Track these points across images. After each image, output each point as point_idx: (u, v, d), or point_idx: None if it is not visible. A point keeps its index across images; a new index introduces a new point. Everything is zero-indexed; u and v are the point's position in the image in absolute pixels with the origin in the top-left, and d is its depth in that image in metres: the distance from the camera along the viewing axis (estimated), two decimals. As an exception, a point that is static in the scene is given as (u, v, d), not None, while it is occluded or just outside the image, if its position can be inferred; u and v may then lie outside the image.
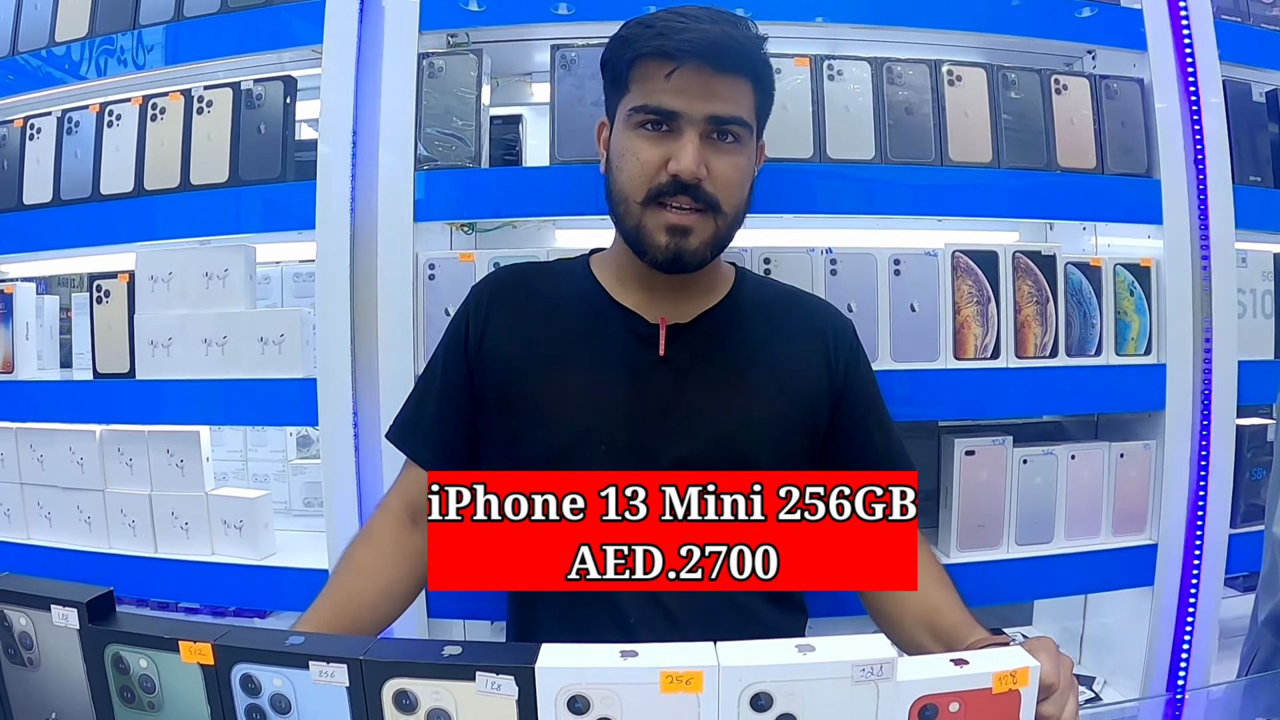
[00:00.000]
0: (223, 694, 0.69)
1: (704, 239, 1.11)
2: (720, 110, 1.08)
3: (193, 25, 1.67)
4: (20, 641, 0.75)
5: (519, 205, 1.52)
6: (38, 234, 1.76)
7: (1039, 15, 1.65)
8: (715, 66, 1.07)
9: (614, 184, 1.14)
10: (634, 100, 1.10)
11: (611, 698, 0.63)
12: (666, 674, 0.63)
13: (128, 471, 1.70)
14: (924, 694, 0.66)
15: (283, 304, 1.89)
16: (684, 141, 1.07)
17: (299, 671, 0.67)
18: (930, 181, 1.57)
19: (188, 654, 0.69)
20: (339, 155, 1.53)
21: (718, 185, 1.09)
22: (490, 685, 0.64)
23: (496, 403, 1.19)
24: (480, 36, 1.62)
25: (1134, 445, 1.67)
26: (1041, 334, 1.59)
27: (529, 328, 1.20)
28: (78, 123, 1.73)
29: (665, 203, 1.09)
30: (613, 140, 1.16)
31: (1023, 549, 1.63)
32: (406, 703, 0.66)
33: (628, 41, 1.11)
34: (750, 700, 0.64)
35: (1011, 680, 0.68)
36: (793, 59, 1.55)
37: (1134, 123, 1.67)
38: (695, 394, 1.15)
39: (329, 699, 0.67)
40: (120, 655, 0.71)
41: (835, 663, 0.64)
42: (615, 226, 1.17)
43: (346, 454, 1.52)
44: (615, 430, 1.13)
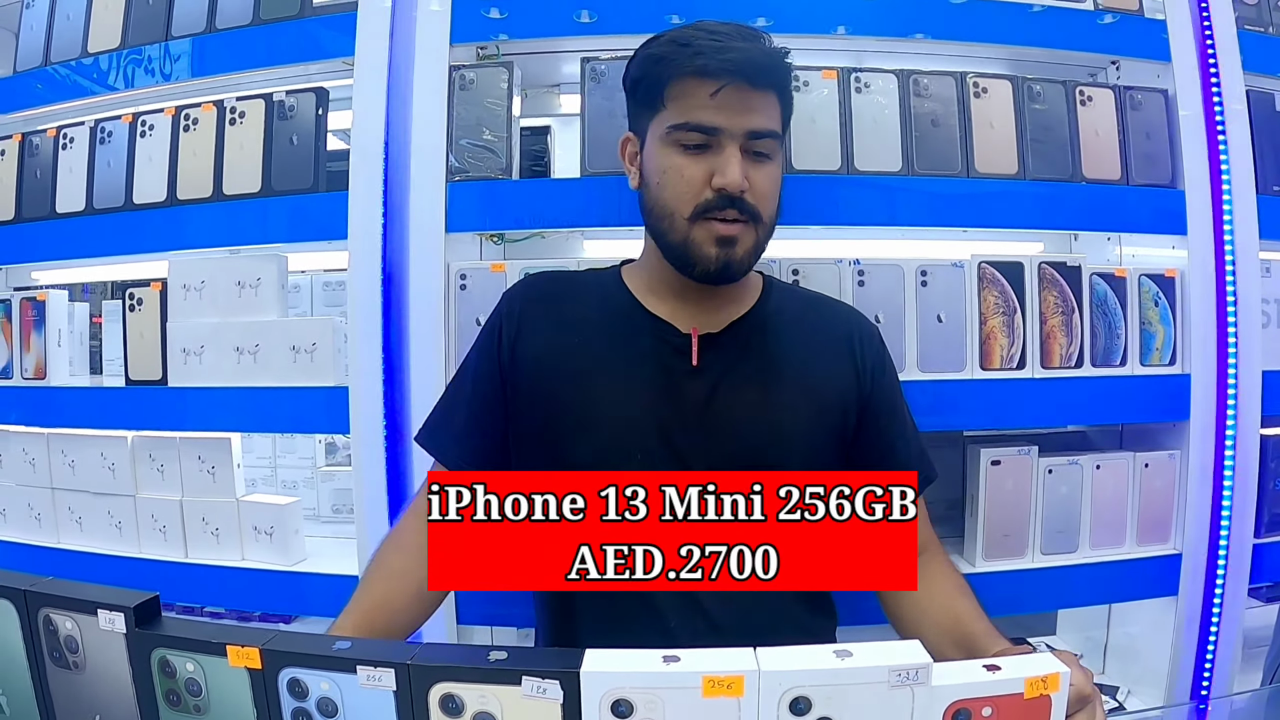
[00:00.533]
0: (269, 697, 0.70)
1: (748, 248, 1.14)
2: (757, 125, 1.11)
3: (224, 37, 1.70)
4: (66, 645, 0.76)
5: (549, 216, 1.54)
6: (71, 242, 1.78)
7: (1063, 27, 1.66)
8: (753, 83, 1.10)
9: (656, 200, 1.16)
10: (673, 118, 1.12)
11: (655, 702, 0.64)
12: (708, 678, 0.64)
13: (159, 477, 1.72)
14: (958, 699, 0.67)
15: (312, 312, 1.91)
16: (727, 156, 1.10)
17: (346, 675, 0.68)
18: (956, 193, 1.58)
19: (235, 658, 0.70)
20: (371, 166, 1.55)
21: (758, 196, 1.12)
22: (536, 689, 0.65)
23: (530, 411, 1.21)
24: (509, 49, 1.64)
25: (1158, 455, 1.68)
26: (1067, 344, 1.59)
27: (562, 336, 1.22)
28: (110, 133, 1.76)
29: (713, 216, 1.11)
30: (648, 157, 1.17)
31: (1048, 558, 1.64)
32: (453, 706, 0.67)
33: (663, 60, 1.13)
34: (790, 704, 0.65)
35: (1043, 685, 0.69)
36: (820, 71, 1.56)
37: (1158, 133, 1.68)
38: (727, 402, 1.17)
39: (376, 702, 0.68)
40: (167, 659, 0.72)
41: (872, 668, 0.66)
42: (656, 241, 1.19)
43: (377, 462, 1.54)
44: (649, 438, 1.16)
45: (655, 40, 1.17)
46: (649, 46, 1.17)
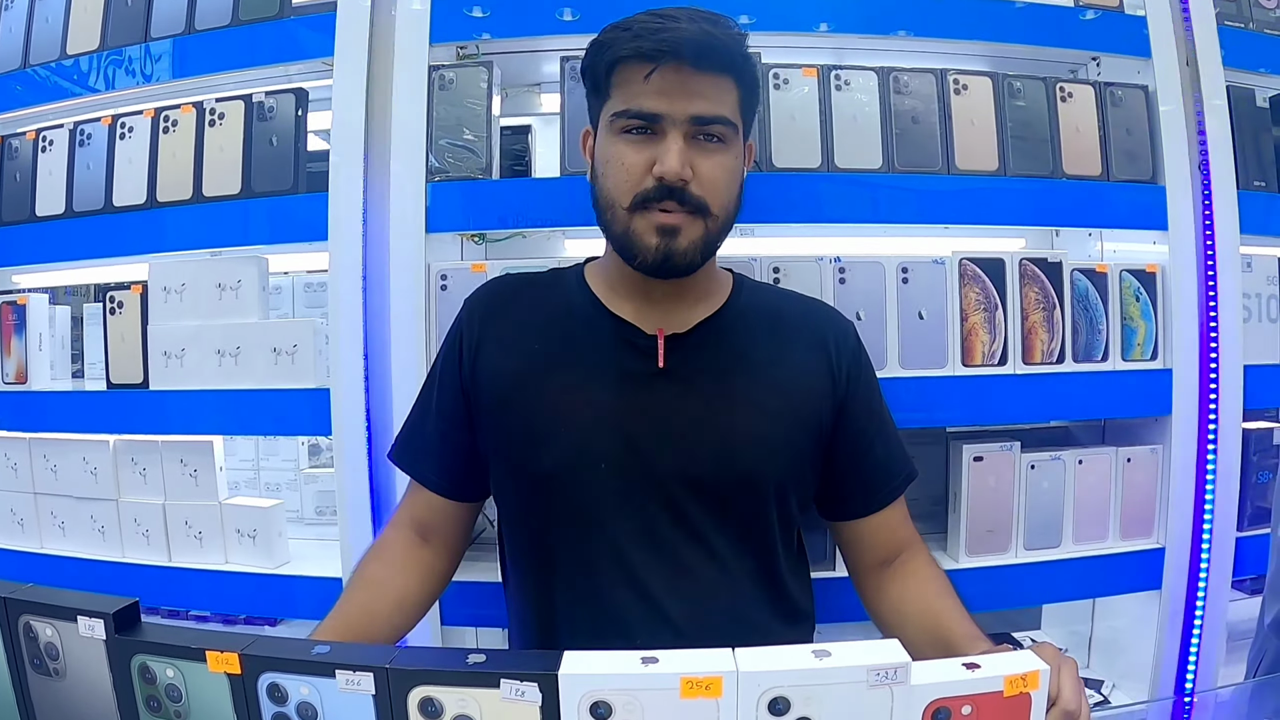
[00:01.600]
0: (249, 702, 0.70)
1: (693, 240, 1.09)
2: (703, 110, 1.06)
3: (204, 38, 1.69)
4: (46, 652, 0.76)
5: (530, 216, 1.54)
6: (50, 245, 1.78)
7: (1043, 23, 1.67)
8: (695, 65, 1.05)
9: (600, 190, 1.13)
10: (615, 105, 1.09)
11: (633, 703, 0.65)
12: (687, 679, 0.64)
13: (141, 481, 1.71)
14: (937, 697, 0.68)
15: (294, 314, 1.90)
16: (668, 143, 1.06)
17: (325, 680, 0.68)
18: (937, 189, 1.58)
19: (214, 664, 0.70)
20: (350, 167, 1.54)
21: (705, 187, 1.08)
22: (514, 692, 0.65)
23: (492, 421, 1.18)
24: (489, 48, 1.64)
25: (1141, 450, 1.69)
26: (1048, 340, 1.60)
27: (523, 344, 1.19)
28: (90, 135, 1.75)
29: (653, 206, 1.08)
30: (597, 147, 1.15)
31: (1031, 554, 1.64)
32: (432, 710, 0.67)
33: (605, 46, 1.10)
34: (769, 705, 0.65)
35: (1022, 683, 0.69)
36: (800, 69, 1.56)
37: (1139, 129, 1.69)
38: (697, 407, 1.14)
39: (355, 706, 0.68)
40: (147, 665, 0.72)
41: (851, 667, 0.66)
42: (604, 233, 1.16)
43: (359, 463, 1.54)
44: (615, 447, 1.12)
45: (607, 26, 1.13)
46: (600, 34, 1.13)
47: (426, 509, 1.24)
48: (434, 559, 1.24)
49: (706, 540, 1.13)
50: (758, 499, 1.15)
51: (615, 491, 1.12)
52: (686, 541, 1.13)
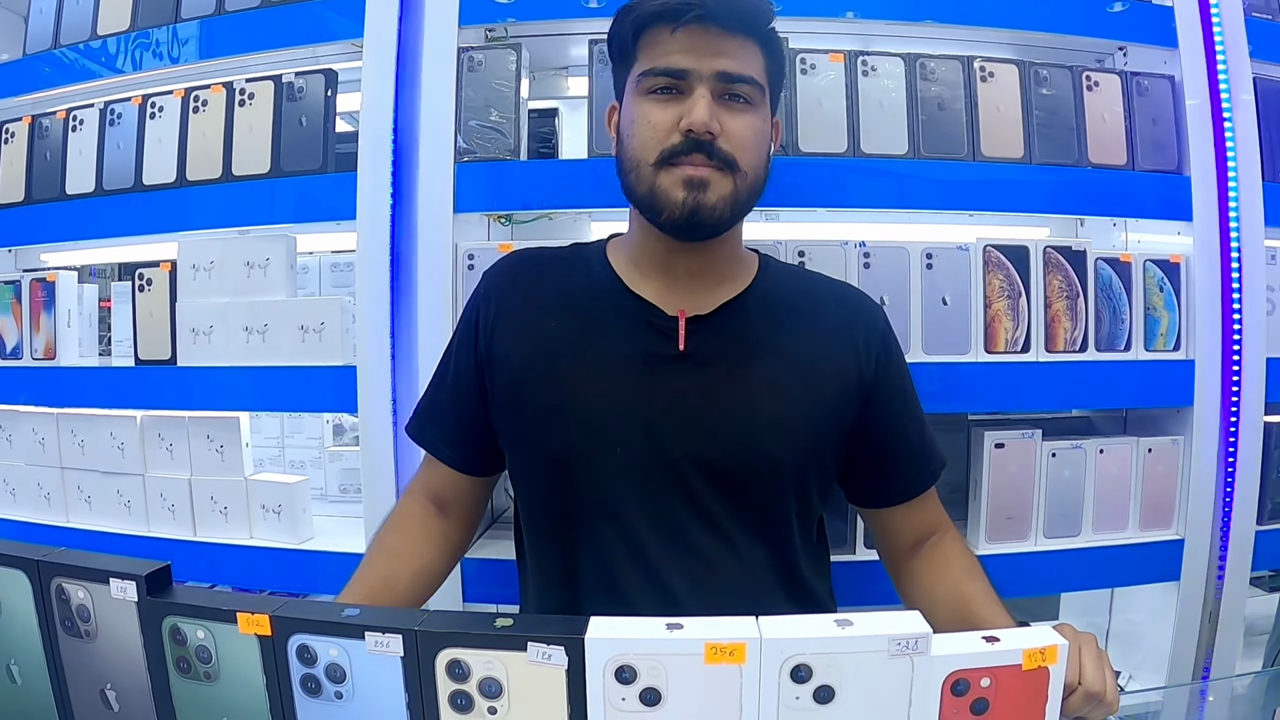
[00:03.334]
0: (279, 663, 0.71)
1: (722, 195, 1.06)
2: (730, 67, 1.05)
3: (233, 19, 1.72)
4: (78, 614, 0.77)
5: (557, 197, 1.55)
6: (81, 223, 1.81)
7: (1071, 12, 1.67)
8: (722, 25, 1.05)
9: (625, 152, 1.11)
10: (641, 66, 1.08)
11: (658, 668, 0.66)
12: (711, 645, 0.65)
13: (168, 456, 1.74)
14: (957, 668, 0.69)
15: (320, 293, 1.93)
16: (695, 97, 1.04)
17: (355, 642, 0.69)
18: (962, 177, 1.59)
19: (245, 625, 0.71)
20: (379, 148, 1.56)
21: (733, 142, 1.06)
22: (541, 655, 0.66)
23: (507, 400, 1.17)
24: (518, 31, 1.66)
25: (1162, 440, 1.69)
26: (1071, 328, 1.60)
27: (540, 322, 1.17)
28: (120, 114, 1.78)
29: (679, 161, 1.06)
30: (623, 113, 1.13)
31: (1050, 542, 1.65)
32: (459, 672, 0.68)
33: (631, 10, 1.09)
34: (790, 672, 0.66)
35: (1041, 657, 0.70)
36: (827, 55, 1.57)
37: (1165, 119, 1.69)
38: (717, 391, 1.11)
39: (383, 668, 0.69)
40: (178, 626, 0.73)
41: (872, 636, 0.67)
42: (628, 195, 1.13)
43: (385, 440, 1.56)
44: (630, 431, 1.10)
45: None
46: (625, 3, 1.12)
47: (442, 483, 1.25)
48: (451, 530, 1.25)
49: (721, 526, 1.11)
50: (776, 486, 1.13)
51: (630, 475, 1.10)
52: (701, 527, 1.11)
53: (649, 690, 0.66)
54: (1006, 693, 0.70)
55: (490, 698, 0.69)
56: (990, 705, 0.70)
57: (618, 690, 0.66)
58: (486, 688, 0.68)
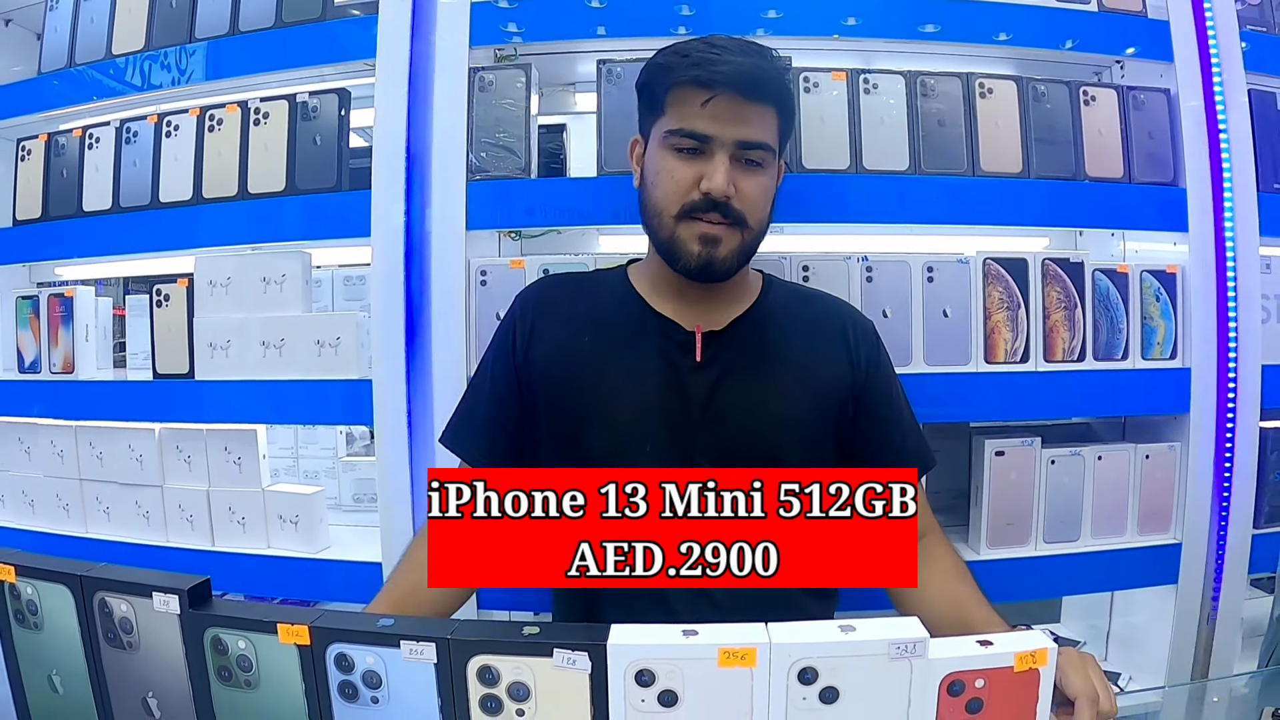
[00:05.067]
0: (317, 671, 0.76)
1: (732, 249, 1.22)
2: (749, 135, 1.19)
3: (247, 39, 1.77)
4: (120, 626, 0.81)
5: (567, 214, 1.62)
6: (98, 239, 1.86)
7: (1067, 28, 1.73)
8: (746, 95, 1.18)
9: (649, 199, 1.25)
10: (670, 124, 1.20)
11: (675, 671, 0.71)
12: (724, 650, 0.71)
13: (186, 468, 1.80)
14: (952, 670, 0.74)
15: (333, 306, 1.98)
16: (716, 163, 1.18)
17: (390, 650, 0.74)
18: (962, 191, 1.65)
19: (285, 635, 0.76)
20: (393, 166, 1.62)
21: (744, 202, 1.20)
22: (566, 661, 0.71)
23: (546, 408, 1.29)
24: (526, 50, 1.72)
25: (1159, 447, 1.75)
26: (1069, 338, 1.66)
27: (573, 336, 1.30)
28: (136, 133, 1.84)
29: (698, 217, 1.20)
30: (648, 158, 1.26)
31: (1050, 547, 1.71)
32: (489, 677, 0.73)
33: (665, 69, 1.21)
34: (798, 674, 0.71)
35: (1032, 660, 0.75)
36: (830, 73, 1.63)
37: (1160, 132, 1.75)
38: (729, 395, 1.26)
39: (418, 674, 0.74)
40: (219, 637, 0.78)
41: (874, 641, 0.72)
42: (650, 238, 1.28)
43: (400, 452, 1.61)
44: (658, 430, 1.24)
45: (664, 50, 1.25)
46: (658, 56, 1.25)
47: None
48: None
49: None
50: None
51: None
52: None
53: (667, 692, 0.71)
54: (999, 693, 0.75)
55: (518, 700, 0.73)
56: (985, 705, 0.75)
57: (637, 692, 0.71)
58: (515, 691, 0.73)
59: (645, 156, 1.27)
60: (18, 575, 0.84)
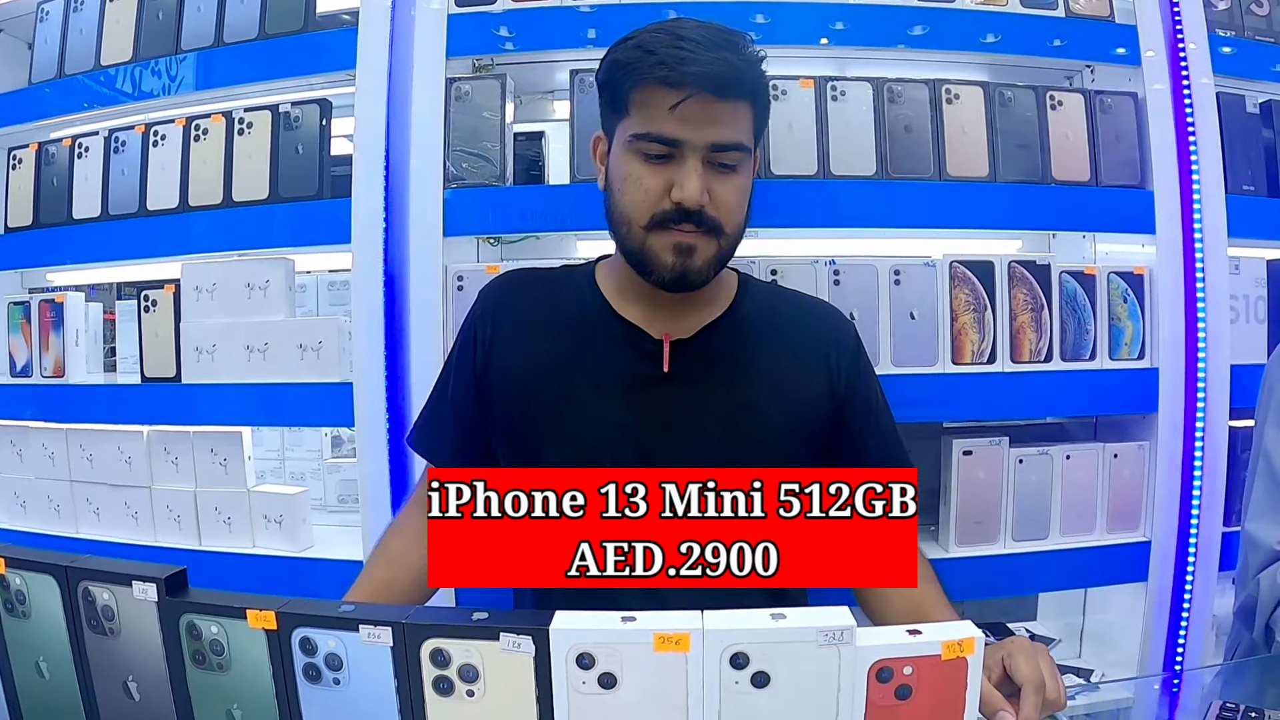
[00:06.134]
0: (284, 654, 0.81)
1: (707, 258, 1.17)
2: (722, 137, 1.13)
3: (232, 50, 1.85)
4: (103, 614, 0.87)
5: (542, 221, 1.69)
6: (87, 246, 1.95)
7: (1035, 34, 1.79)
8: (719, 95, 1.11)
9: (616, 206, 1.20)
10: (635, 126, 1.15)
11: (613, 655, 0.75)
12: (659, 635, 0.75)
13: (174, 469, 1.88)
14: (880, 658, 0.77)
15: (318, 311, 2.06)
16: (687, 170, 1.12)
17: (350, 634, 0.79)
18: (929, 196, 1.71)
19: (254, 620, 0.82)
20: (372, 174, 1.70)
21: (719, 209, 1.15)
22: (512, 644, 0.76)
23: (504, 416, 1.28)
24: (503, 60, 1.79)
25: (1128, 446, 1.81)
26: (1036, 339, 1.72)
27: (535, 341, 1.28)
28: (124, 142, 1.92)
29: (670, 226, 1.15)
30: (613, 161, 1.21)
31: (1019, 544, 1.77)
32: (441, 659, 0.78)
33: (627, 68, 1.14)
34: (730, 659, 0.76)
35: (959, 648, 0.78)
36: (798, 80, 1.70)
37: (1128, 136, 1.81)
38: (699, 410, 1.22)
39: (375, 657, 0.79)
40: (193, 623, 0.83)
41: (802, 628, 0.76)
42: (618, 246, 1.23)
43: (380, 453, 1.69)
44: (621, 446, 1.21)
45: (624, 43, 1.17)
46: (616, 50, 1.18)
47: None
48: None
49: None
50: None
51: None
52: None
53: (606, 674, 0.76)
54: (928, 680, 0.78)
55: (468, 681, 0.78)
56: (914, 691, 0.78)
57: (579, 674, 0.76)
58: (465, 673, 0.78)
59: (610, 158, 1.22)
60: (7, 566, 0.90)
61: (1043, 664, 0.99)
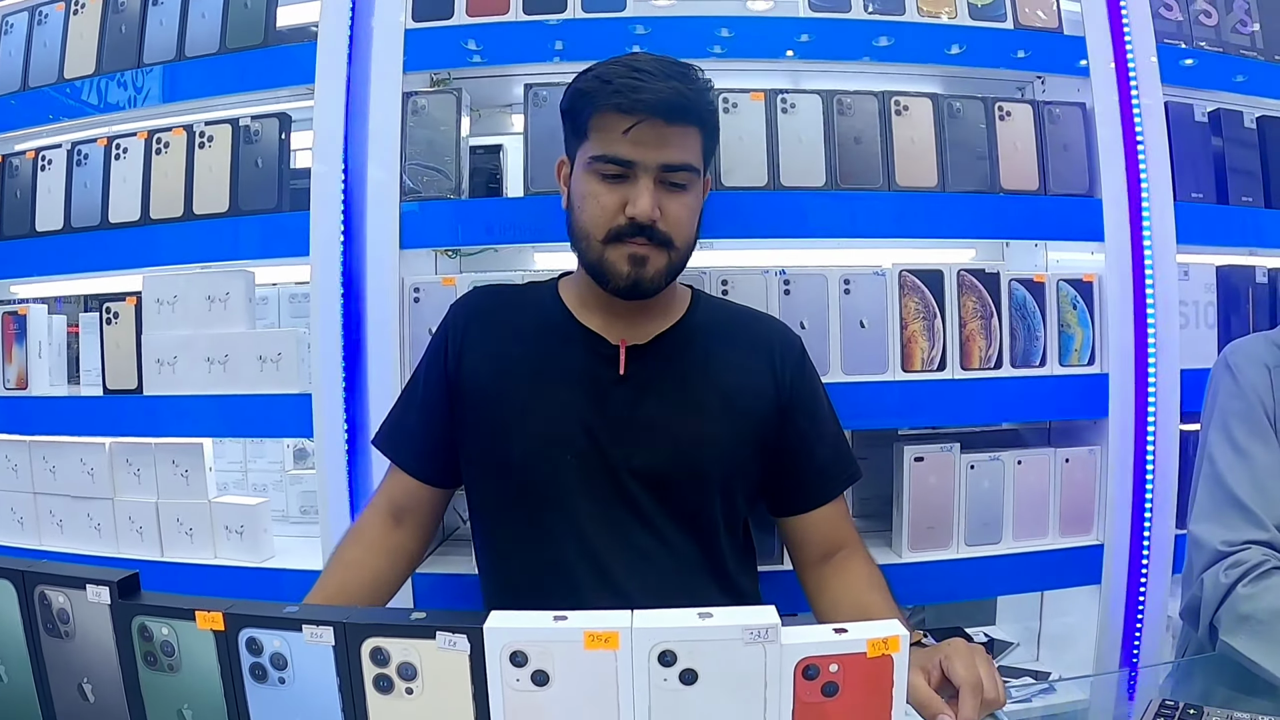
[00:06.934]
0: (231, 654, 0.86)
1: (658, 269, 1.30)
2: (672, 159, 1.27)
3: (193, 65, 1.90)
4: (58, 617, 0.91)
5: (498, 233, 1.74)
6: (50, 258, 1.98)
7: (984, 47, 1.86)
8: (668, 120, 1.25)
9: (576, 222, 1.33)
10: (593, 149, 1.29)
11: (545, 653, 0.80)
12: (589, 633, 0.79)
13: (136, 481, 1.92)
14: (806, 655, 0.81)
15: (280, 323, 2.10)
16: (640, 188, 1.26)
17: (294, 634, 0.84)
18: (878, 206, 1.77)
19: (202, 621, 0.86)
20: (330, 188, 1.75)
21: (670, 224, 1.29)
22: (448, 642, 0.81)
23: (474, 415, 1.39)
24: (460, 75, 1.84)
25: (1079, 450, 1.87)
26: (986, 347, 1.78)
27: (503, 348, 1.40)
28: (87, 155, 1.96)
29: (625, 240, 1.28)
30: (574, 181, 1.35)
31: (972, 549, 1.82)
32: (380, 658, 0.83)
33: (588, 96, 1.29)
34: (658, 657, 0.80)
35: (884, 646, 0.82)
36: (749, 94, 1.75)
37: (1076, 146, 1.87)
38: (652, 409, 1.35)
39: (318, 656, 0.84)
40: (145, 625, 0.87)
41: (728, 626, 0.80)
42: (579, 259, 1.37)
43: (339, 463, 1.74)
44: (580, 441, 1.33)
45: (585, 74, 1.33)
46: (579, 80, 1.33)
47: (403, 493, 1.44)
48: (406, 540, 1.44)
49: (657, 526, 1.34)
50: (702, 493, 1.36)
51: (579, 479, 1.33)
52: (640, 527, 1.34)
53: (539, 672, 0.80)
54: (854, 678, 0.82)
55: (407, 679, 0.83)
56: (840, 688, 0.82)
57: (512, 672, 0.80)
58: (404, 670, 0.83)
59: (572, 179, 1.35)
60: (-35, 574, 0.94)
61: (980, 664, 1.04)
